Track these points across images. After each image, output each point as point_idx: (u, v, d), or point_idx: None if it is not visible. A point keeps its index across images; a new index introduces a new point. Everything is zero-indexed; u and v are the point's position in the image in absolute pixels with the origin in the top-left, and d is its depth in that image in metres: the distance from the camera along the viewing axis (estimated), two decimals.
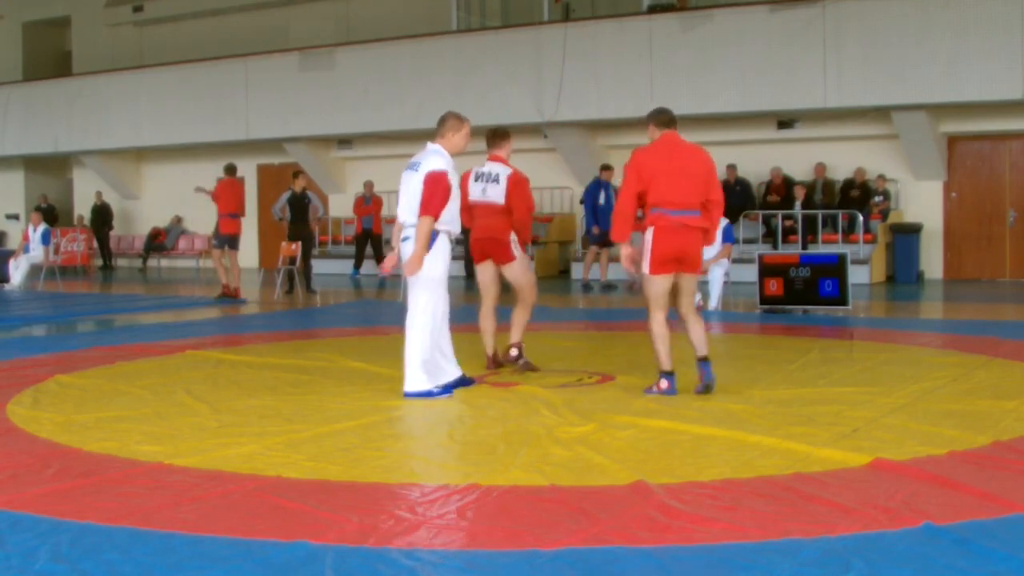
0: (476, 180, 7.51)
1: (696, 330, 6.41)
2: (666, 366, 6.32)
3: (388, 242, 16.89)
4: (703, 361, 6.38)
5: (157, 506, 3.97)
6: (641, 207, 6.39)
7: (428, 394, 6.39)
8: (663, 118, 6.49)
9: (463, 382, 6.74)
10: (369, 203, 19.56)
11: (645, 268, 6.26)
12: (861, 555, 3.30)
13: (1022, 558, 3.27)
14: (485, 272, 7.59)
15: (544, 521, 3.73)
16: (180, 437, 5.29)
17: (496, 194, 7.41)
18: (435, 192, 6.39)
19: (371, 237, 19.58)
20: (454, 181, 6.57)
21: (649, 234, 6.25)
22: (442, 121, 6.67)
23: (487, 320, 7.61)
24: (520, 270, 7.57)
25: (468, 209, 7.46)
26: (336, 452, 4.87)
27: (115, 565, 3.30)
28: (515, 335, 7.64)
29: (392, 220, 19.16)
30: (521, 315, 7.68)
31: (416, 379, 6.42)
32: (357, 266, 19.66)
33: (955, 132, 16.70)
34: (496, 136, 7.61)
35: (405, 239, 6.56)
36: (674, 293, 6.42)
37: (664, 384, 6.30)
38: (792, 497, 4.00)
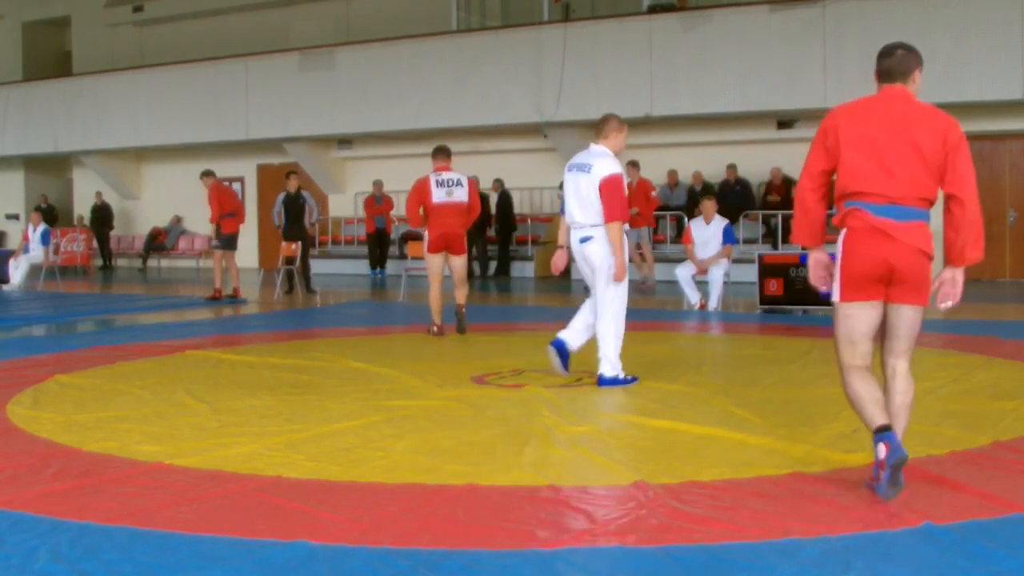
0: (439, 186, 9.39)
1: (899, 401, 4.09)
2: (877, 421, 3.92)
3: (410, 238, 16.87)
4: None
5: (157, 506, 3.97)
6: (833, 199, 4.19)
7: (624, 382, 6.65)
8: (885, 65, 4.14)
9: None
10: (381, 203, 19.59)
11: (835, 293, 4.11)
12: (861, 555, 3.30)
13: (1022, 558, 3.27)
14: (438, 260, 9.48)
15: (544, 521, 3.73)
16: (180, 437, 5.28)
17: (462, 195, 9.46)
18: (617, 196, 6.63)
19: (383, 237, 19.61)
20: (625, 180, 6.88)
21: (840, 240, 4.06)
22: (604, 122, 6.89)
23: (437, 297, 9.48)
24: (465, 258, 9.78)
25: (430, 210, 9.34)
26: (336, 452, 4.87)
27: (115, 565, 3.30)
28: (462, 298, 9.68)
29: (402, 220, 19.38)
30: (463, 289, 9.71)
31: (614, 365, 6.67)
32: (373, 266, 19.72)
33: None
34: (445, 152, 9.69)
35: (584, 240, 6.74)
36: (881, 333, 4.13)
37: (882, 451, 3.83)
38: (792, 497, 3.99)
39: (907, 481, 4.15)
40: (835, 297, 4.08)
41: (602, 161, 6.71)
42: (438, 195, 9.31)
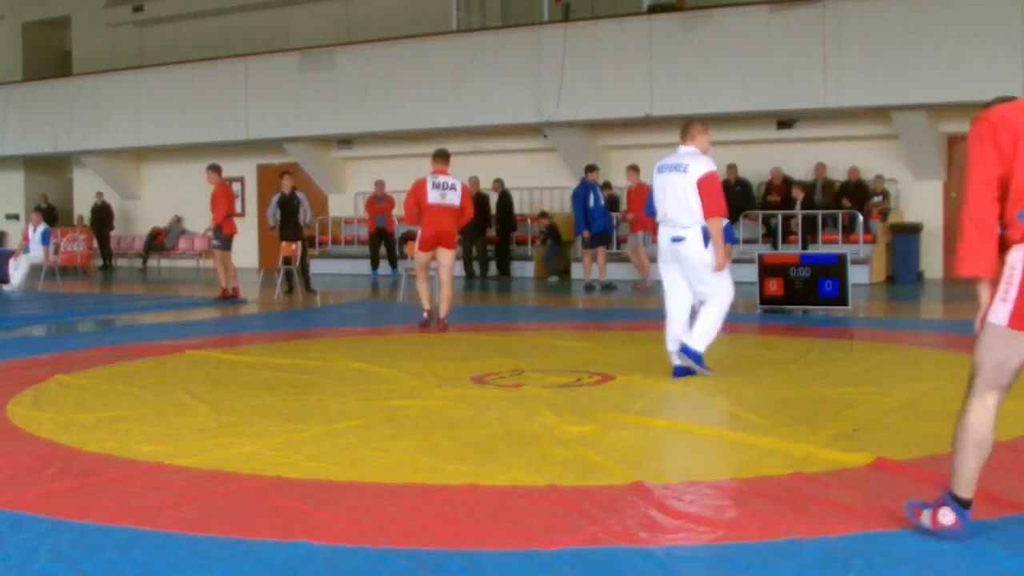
0: (434, 188, 10.07)
1: None
2: (964, 491, 3.51)
3: (410, 238, 16.87)
4: None
5: (157, 506, 3.97)
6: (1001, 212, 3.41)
7: (699, 361, 6.92)
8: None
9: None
10: (382, 202, 19.58)
11: (999, 315, 3.40)
12: (861, 555, 3.30)
13: (1022, 558, 3.27)
14: (425, 258, 10.26)
15: (544, 521, 3.73)
16: (180, 437, 5.29)
17: (455, 198, 10.14)
18: (716, 192, 6.95)
19: (385, 236, 19.62)
20: None
21: (1018, 258, 3.36)
22: (688, 126, 7.24)
23: (426, 284, 10.45)
24: (454, 253, 10.45)
25: (425, 209, 10.02)
26: (336, 452, 4.88)
27: (115, 565, 3.30)
28: (445, 309, 10.30)
29: (402, 219, 19.38)
30: (449, 289, 10.36)
31: (706, 340, 6.97)
32: (374, 266, 19.70)
33: (955, 132, 16.69)
34: (444, 156, 10.37)
35: (677, 239, 7.01)
36: None
37: (948, 519, 3.46)
38: (792, 497, 3.99)
39: (906, 481, 4.15)
40: (1001, 319, 3.37)
41: (698, 160, 7.00)
42: (433, 196, 10.06)
